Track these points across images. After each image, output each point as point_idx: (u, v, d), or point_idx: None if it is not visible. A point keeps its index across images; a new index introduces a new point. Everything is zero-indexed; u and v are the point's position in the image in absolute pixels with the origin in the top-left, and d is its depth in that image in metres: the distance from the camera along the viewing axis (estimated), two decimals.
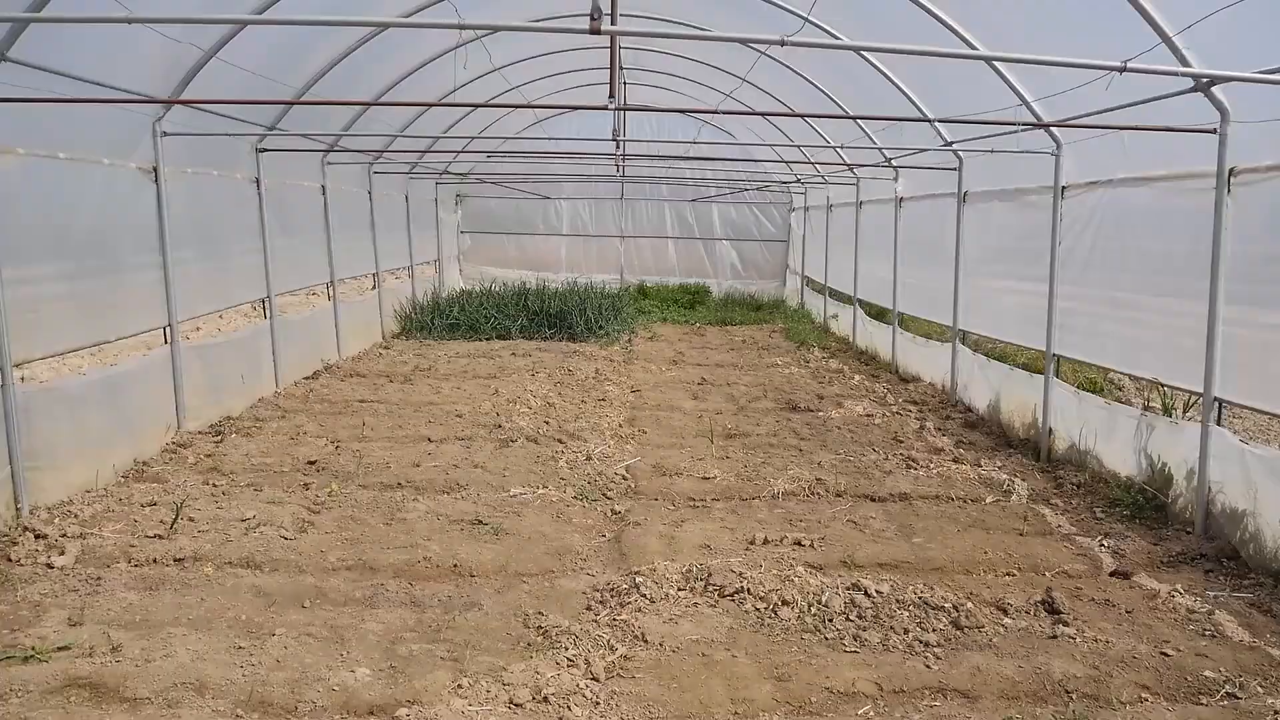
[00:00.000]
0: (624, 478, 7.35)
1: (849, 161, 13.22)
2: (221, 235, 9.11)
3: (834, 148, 12.66)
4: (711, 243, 20.10)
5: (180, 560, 5.33)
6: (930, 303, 11.39)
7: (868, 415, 9.67)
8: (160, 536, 5.63)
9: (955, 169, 10.14)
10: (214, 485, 6.74)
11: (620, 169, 14.36)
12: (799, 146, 13.17)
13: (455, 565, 5.40)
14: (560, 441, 8.24)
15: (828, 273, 16.34)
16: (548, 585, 5.22)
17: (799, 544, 5.85)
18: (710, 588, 4.98)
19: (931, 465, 7.74)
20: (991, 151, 8.21)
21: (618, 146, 10.32)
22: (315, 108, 10.32)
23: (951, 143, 9.71)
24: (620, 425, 9.03)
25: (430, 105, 11.33)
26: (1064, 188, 7.92)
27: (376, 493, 6.70)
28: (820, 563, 5.57)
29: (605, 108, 5.62)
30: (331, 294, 12.06)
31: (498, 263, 19.83)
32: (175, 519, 5.74)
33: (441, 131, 14.38)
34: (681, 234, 20.07)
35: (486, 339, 14.20)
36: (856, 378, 11.79)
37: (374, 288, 14.06)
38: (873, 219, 13.68)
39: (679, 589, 5.00)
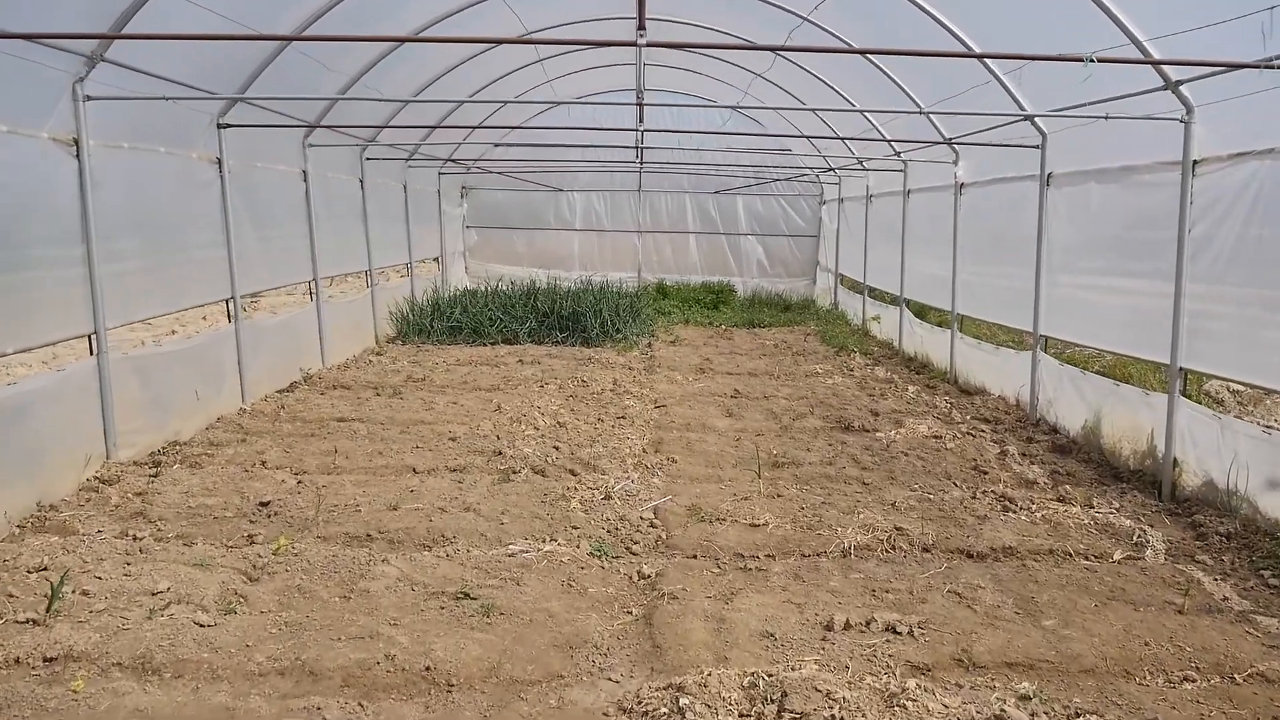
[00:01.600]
0: (652, 524, 5.87)
1: (891, 138, 11.67)
2: (172, 225, 7.66)
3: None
4: (736, 238, 18.55)
5: (50, 660, 3.89)
6: (998, 303, 9.88)
7: (935, 436, 8.17)
8: (34, 622, 4.19)
9: (1037, 146, 8.60)
10: (133, 538, 5.30)
11: (639, 152, 12.87)
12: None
13: (428, 668, 3.93)
14: (572, 473, 6.78)
15: (866, 270, 14.80)
16: (554, 703, 3.74)
17: (893, 630, 4.36)
18: (787, 716, 3.49)
19: (1033, 506, 6.22)
20: (1106, 117, 6.64)
21: (640, 116, 8.82)
22: (295, 73, 8.88)
23: (1032, 114, 8.19)
24: (644, 450, 7.55)
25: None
26: (1195, 162, 6.41)
27: (338, 549, 5.24)
28: (928, 663, 4.08)
29: (634, 43, 4.18)
30: (314, 293, 10.62)
31: (506, 259, 18.40)
32: (53, 598, 4.27)
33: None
34: (704, 229, 18.52)
35: (491, 344, 12.74)
36: (911, 389, 10.28)
37: (367, 287, 12.63)
38: (924, 209, 12.14)
39: (741, 716, 3.52)
